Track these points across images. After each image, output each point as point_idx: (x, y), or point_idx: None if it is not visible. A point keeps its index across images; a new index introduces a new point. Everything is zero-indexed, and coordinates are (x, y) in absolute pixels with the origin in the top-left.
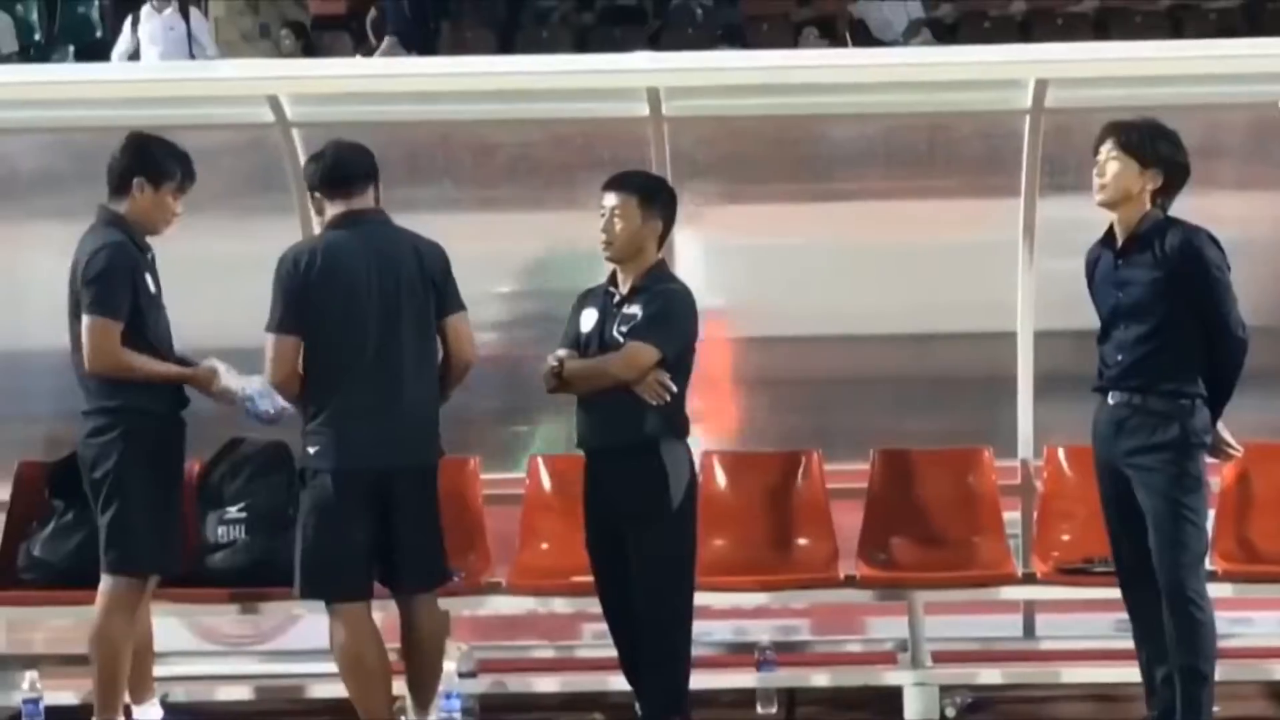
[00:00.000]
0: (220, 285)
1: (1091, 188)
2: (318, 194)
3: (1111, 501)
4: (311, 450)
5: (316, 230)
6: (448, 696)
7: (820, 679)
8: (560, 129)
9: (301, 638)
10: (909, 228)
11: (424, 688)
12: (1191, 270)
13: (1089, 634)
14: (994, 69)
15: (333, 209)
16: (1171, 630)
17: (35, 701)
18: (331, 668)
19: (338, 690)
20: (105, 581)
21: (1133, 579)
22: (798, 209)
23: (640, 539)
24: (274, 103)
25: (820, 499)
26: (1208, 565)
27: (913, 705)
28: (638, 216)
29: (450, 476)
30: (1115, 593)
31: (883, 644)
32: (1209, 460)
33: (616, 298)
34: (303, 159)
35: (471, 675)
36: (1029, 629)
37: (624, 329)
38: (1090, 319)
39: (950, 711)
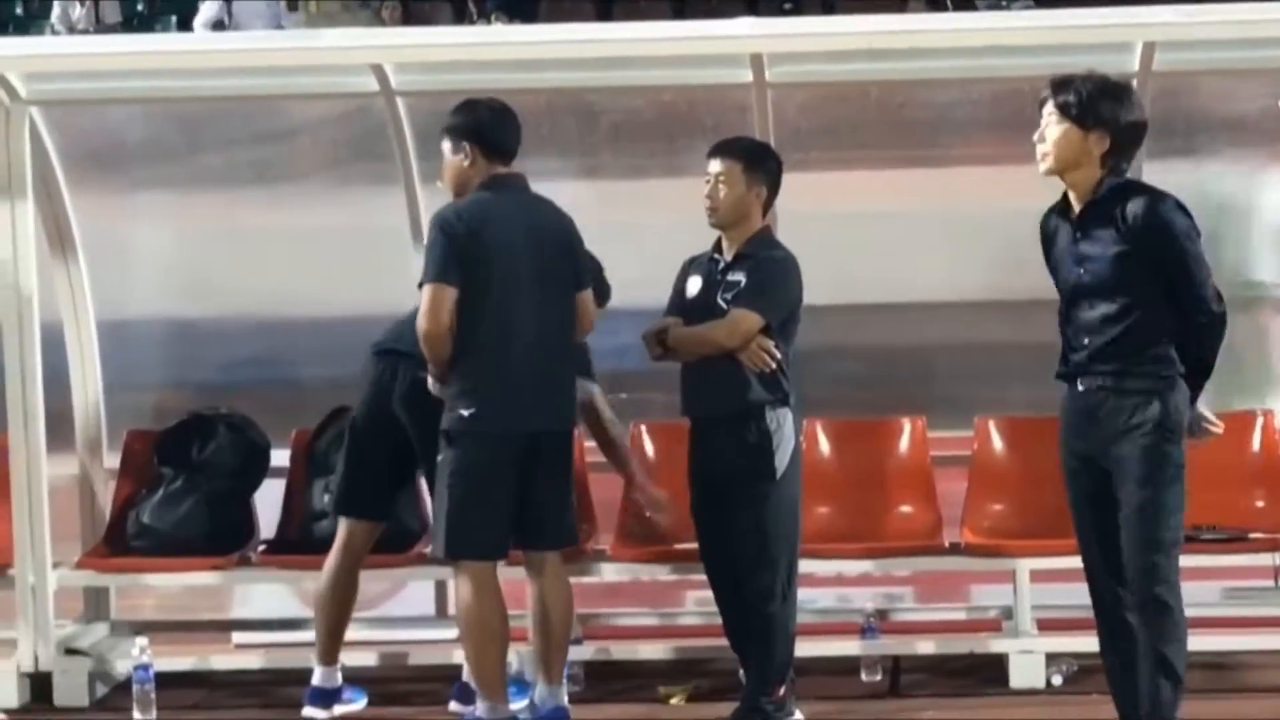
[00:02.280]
0: (323, 254)
1: (1197, 152)
2: (477, 147)
3: (1083, 497)
4: (465, 412)
5: (421, 198)
6: None
7: (924, 647)
8: (663, 96)
9: (405, 604)
10: (1014, 194)
11: (553, 659)
12: (1158, 241)
13: (1196, 602)
14: (1101, 32)
15: (487, 168)
16: (1141, 624)
17: (146, 668)
18: (434, 634)
19: (440, 656)
20: None
21: (1105, 584)
22: (902, 175)
23: (744, 506)
24: (379, 71)
25: (924, 466)
26: None
27: (1018, 673)
28: (742, 183)
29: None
30: (1223, 560)
31: (987, 612)
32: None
33: (721, 265)
34: (407, 128)
35: (577, 642)
36: None
37: (728, 296)
38: None
39: (1056, 680)
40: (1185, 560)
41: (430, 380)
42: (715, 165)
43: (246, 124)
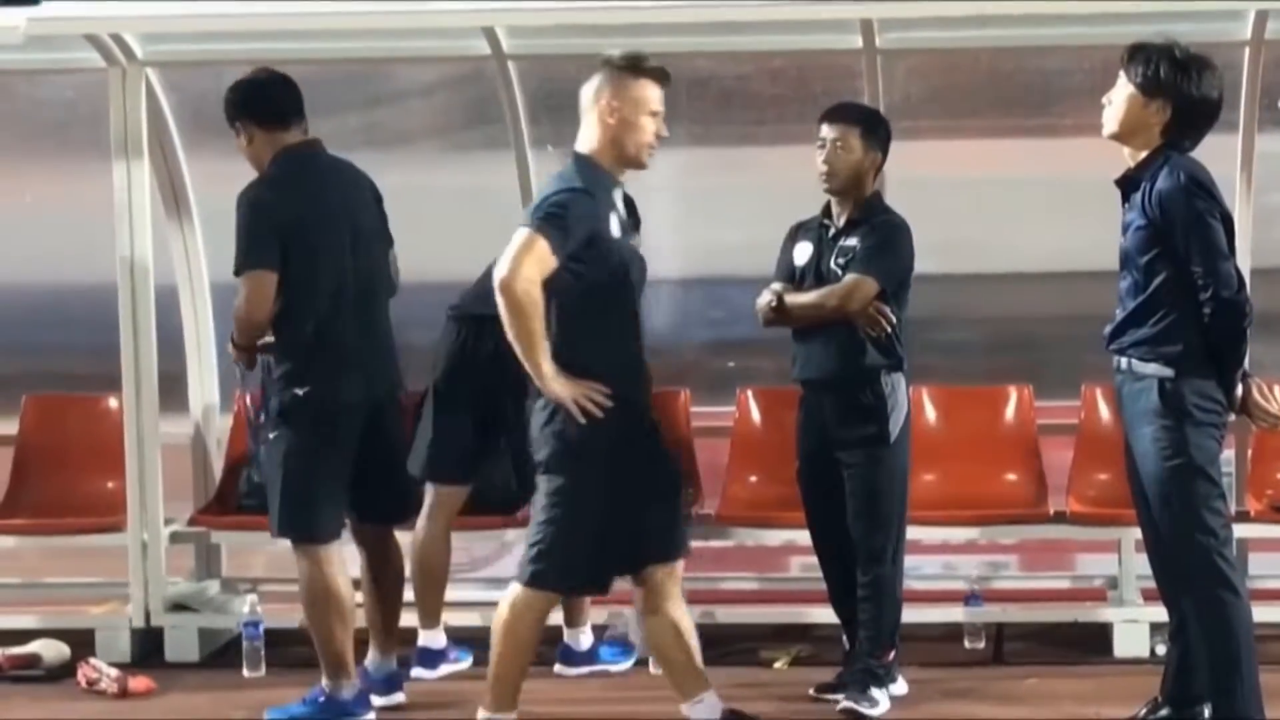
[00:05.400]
0: (434, 219)
1: None
2: (249, 123)
3: (1128, 463)
4: (300, 391)
5: (532, 163)
6: None
7: (1028, 615)
8: (773, 62)
9: (512, 565)
10: (1123, 164)
11: (393, 627)
12: (1171, 224)
13: None
14: (1212, 1)
15: (270, 140)
16: (1192, 618)
17: (255, 624)
18: None
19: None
20: None
21: (1151, 559)
22: (1011, 143)
23: (858, 470)
24: (490, 35)
25: (1030, 434)
26: None
27: (1122, 642)
28: (859, 148)
29: (661, 409)
30: None
31: (1092, 581)
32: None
33: (832, 230)
34: (518, 92)
35: None
36: (1241, 567)
37: (841, 261)
38: None
39: (1160, 649)
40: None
41: (235, 352)
42: (831, 131)
43: (359, 87)
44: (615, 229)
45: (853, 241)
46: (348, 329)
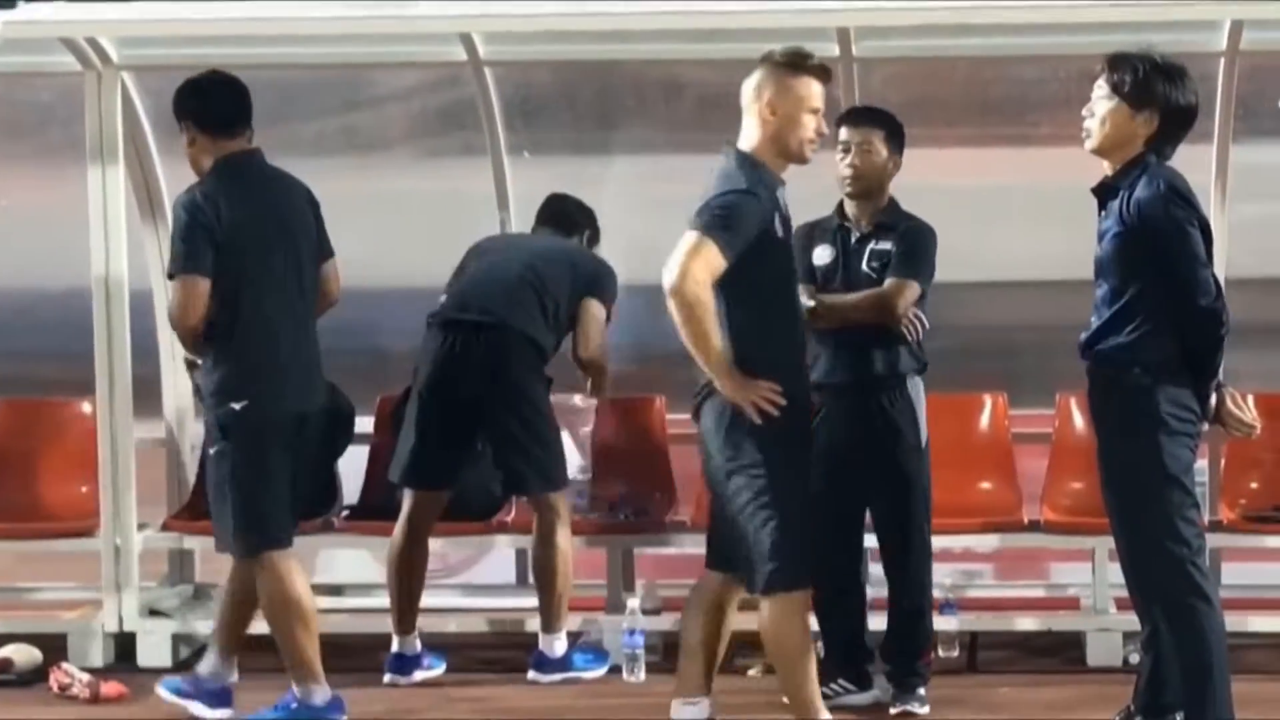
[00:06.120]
0: (410, 223)
1: None
2: (194, 126)
3: (1102, 471)
4: (237, 405)
5: (509, 169)
6: (630, 633)
7: (1002, 624)
8: (750, 69)
9: (488, 571)
10: (1100, 172)
11: (242, 630)
12: (1149, 232)
13: (1277, 582)
14: (1189, 9)
15: (213, 146)
16: (1165, 630)
17: None
18: (515, 601)
19: (520, 624)
20: None
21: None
22: (988, 152)
23: (888, 475)
24: (467, 41)
25: (1004, 443)
26: None
27: (1095, 651)
28: (884, 150)
29: (637, 415)
30: None
31: (1065, 589)
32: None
33: (856, 234)
34: (495, 98)
35: (655, 613)
36: (1214, 576)
37: (876, 264)
38: None
39: (1134, 658)
40: (1265, 541)
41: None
42: (855, 134)
43: (335, 92)
44: (779, 228)
45: (886, 245)
46: (279, 339)
